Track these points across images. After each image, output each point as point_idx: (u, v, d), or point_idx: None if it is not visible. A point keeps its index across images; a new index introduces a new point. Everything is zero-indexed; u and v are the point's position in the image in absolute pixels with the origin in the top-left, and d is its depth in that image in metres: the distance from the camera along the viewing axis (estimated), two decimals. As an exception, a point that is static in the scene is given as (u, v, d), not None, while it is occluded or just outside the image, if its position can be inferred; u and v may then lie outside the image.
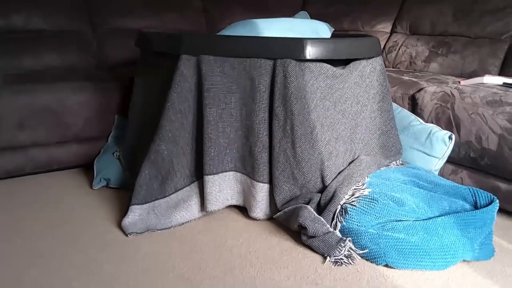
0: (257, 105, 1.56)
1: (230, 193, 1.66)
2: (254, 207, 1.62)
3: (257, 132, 1.57)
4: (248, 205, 1.66)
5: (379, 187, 1.57)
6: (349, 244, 1.41)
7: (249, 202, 1.65)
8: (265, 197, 1.62)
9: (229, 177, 1.64)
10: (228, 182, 1.64)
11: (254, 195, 1.61)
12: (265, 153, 1.59)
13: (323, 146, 1.60)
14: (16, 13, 2.44)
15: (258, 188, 1.60)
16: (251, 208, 1.64)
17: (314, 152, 1.59)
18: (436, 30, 2.53)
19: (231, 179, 1.64)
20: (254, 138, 1.58)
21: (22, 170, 2.02)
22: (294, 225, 1.51)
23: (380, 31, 2.86)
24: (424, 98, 1.90)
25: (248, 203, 1.65)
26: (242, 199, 1.68)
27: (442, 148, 1.78)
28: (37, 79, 2.07)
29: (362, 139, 1.75)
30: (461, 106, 1.76)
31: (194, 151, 1.65)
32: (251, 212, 1.64)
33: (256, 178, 1.60)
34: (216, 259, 1.40)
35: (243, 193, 1.66)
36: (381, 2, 2.89)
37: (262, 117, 1.56)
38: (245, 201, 1.68)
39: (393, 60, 2.67)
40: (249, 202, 1.65)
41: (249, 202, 1.65)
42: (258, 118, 1.56)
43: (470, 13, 2.39)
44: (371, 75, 1.72)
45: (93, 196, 1.86)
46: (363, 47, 1.66)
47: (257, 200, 1.61)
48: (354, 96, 1.68)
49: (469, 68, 2.28)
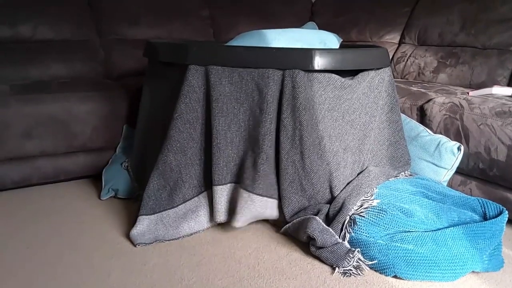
0: (264, 116, 1.55)
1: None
2: (239, 215, 1.56)
3: (261, 144, 1.56)
4: (236, 211, 1.58)
5: (387, 198, 1.56)
6: (358, 255, 1.40)
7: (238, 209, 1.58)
8: (252, 209, 1.57)
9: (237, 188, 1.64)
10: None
11: (246, 204, 1.56)
12: (267, 166, 1.56)
13: (331, 156, 1.60)
14: (24, 23, 2.46)
15: (255, 199, 1.55)
16: (235, 215, 1.57)
17: (322, 163, 1.59)
18: (444, 41, 2.53)
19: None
20: (258, 150, 1.56)
21: (29, 180, 2.02)
22: (303, 236, 1.50)
23: (389, 41, 2.86)
24: (433, 109, 1.89)
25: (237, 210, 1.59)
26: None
27: (451, 159, 1.77)
28: (44, 89, 2.08)
29: (370, 150, 1.75)
30: (470, 117, 1.75)
31: (202, 161, 1.66)
32: (234, 220, 1.57)
33: (255, 191, 1.55)
34: (225, 270, 1.40)
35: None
36: (389, 13, 2.90)
37: (267, 129, 1.54)
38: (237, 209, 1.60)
39: (401, 71, 2.67)
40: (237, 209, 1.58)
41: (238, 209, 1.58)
42: (264, 129, 1.55)
43: (477, 23, 2.39)
44: (380, 86, 1.73)
45: (101, 207, 1.86)
46: (371, 57, 1.67)
47: (244, 207, 1.55)
48: (362, 107, 1.68)
49: (477, 79, 2.28)
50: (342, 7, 3.19)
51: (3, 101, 1.92)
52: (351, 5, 3.17)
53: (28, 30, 2.47)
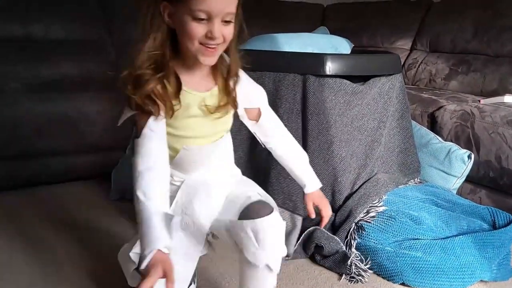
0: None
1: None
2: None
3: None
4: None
5: (396, 205, 1.56)
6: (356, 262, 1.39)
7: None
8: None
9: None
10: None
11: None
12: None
13: (338, 162, 1.60)
14: (36, 22, 2.46)
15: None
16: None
17: (328, 167, 1.58)
18: (456, 48, 2.52)
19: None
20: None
21: (38, 178, 2.03)
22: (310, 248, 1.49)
23: (400, 48, 2.86)
24: (444, 117, 1.89)
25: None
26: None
27: (461, 167, 1.76)
28: (56, 88, 2.10)
29: (380, 156, 1.74)
30: (481, 125, 1.74)
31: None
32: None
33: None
34: (232, 273, 1.40)
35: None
36: (401, 19, 2.90)
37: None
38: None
39: (412, 77, 2.67)
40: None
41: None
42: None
43: (490, 31, 2.38)
44: (390, 92, 1.72)
45: (110, 207, 1.87)
46: (383, 63, 1.67)
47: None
48: (371, 112, 1.68)
49: (489, 87, 2.27)
50: (353, 12, 3.20)
51: (15, 99, 1.95)
52: (362, 11, 3.17)
53: (41, 29, 2.48)
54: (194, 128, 1.00)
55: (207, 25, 0.90)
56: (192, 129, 1.00)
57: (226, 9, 0.90)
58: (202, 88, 1.00)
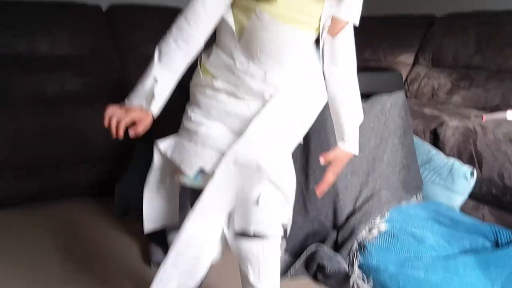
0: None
1: None
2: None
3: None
4: None
5: (399, 223, 1.56)
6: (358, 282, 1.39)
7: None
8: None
9: None
10: None
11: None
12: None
13: (339, 179, 1.60)
14: (42, 38, 2.50)
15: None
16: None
17: (329, 185, 1.59)
18: (458, 63, 2.53)
19: None
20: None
21: (43, 194, 2.04)
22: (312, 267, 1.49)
23: (402, 62, 2.86)
24: (446, 133, 1.89)
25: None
26: None
27: (463, 184, 1.76)
28: (60, 102, 2.11)
29: (382, 173, 1.74)
30: (483, 142, 1.74)
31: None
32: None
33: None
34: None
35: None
36: (403, 34, 2.91)
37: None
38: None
39: (415, 92, 2.67)
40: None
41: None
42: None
43: (492, 46, 2.38)
44: (392, 110, 1.73)
45: (114, 225, 1.87)
46: (385, 81, 1.67)
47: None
48: (373, 130, 1.69)
49: (492, 102, 2.26)
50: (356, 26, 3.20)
51: (19, 114, 1.96)
52: (365, 25, 3.13)
53: (46, 45, 2.51)
54: (285, 2, 0.94)
55: None
56: (281, 2, 0.93)
57: None
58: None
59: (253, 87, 1.01)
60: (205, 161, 1.01)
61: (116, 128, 0.94)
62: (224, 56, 1.02)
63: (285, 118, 1.05)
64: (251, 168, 0.99)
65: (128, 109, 0.97)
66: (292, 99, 1.06)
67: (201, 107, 1.04)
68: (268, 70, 1.01)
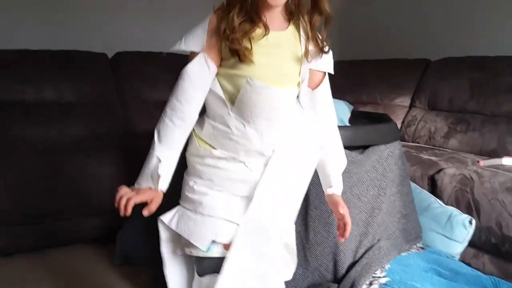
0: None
1: None
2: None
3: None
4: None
5: (399, 274, 1.56)
6: None
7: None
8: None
9: None
10: None
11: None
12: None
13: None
14: (48, 87, 2.55)
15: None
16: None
17: (329, 235, 1.60)
18: (454, 107, 2.57)
19: None
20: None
21: (46, 242, 2.05)
22: None
23: (399, 104, 2.91)
24: (444, 180, 1.91)
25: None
26: None
27: (462, 232, 1.77)
28: (64, 150, 2.14)
29: (381, 223, 1.75)
30: (480, 190, 1.76)
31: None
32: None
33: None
34: None
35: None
36: (399, 77, 2.96)
37: None
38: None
39: (412, 134, 2.71)
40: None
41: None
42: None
43: (486, 91, 2.43)
44: (389, 159, 1.75)
45: (115, 272, 1.87)
46: (381, 133, 1.70)
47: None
48: (371, 180, 1.71)
49: (488, 146, 2.29)
50: (352, 70, 3.28)
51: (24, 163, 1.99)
52: (361, 68, 3.25)
53: (52, 93, 2.55)
54: (264, 65, 1.00)
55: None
56: (261, 67, 1.00)
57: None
58: (278, 27, 1.03)
59: (252, 149, 1.05)
60: (215, 233, 1.04)
61: (125, 207, 0.99)
62: (219, 125, 1.06)
63: (287, 175, 1.09)
64: (265, 232, 1.03)
65: (138, 191, 1.02)
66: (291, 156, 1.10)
67: (203, 178, 1.07)
68: (264, 131, 1.05)
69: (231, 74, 1.02)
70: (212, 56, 1.01)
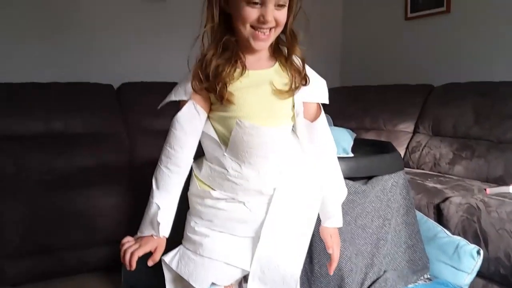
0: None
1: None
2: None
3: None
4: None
5: (406, 308, 1.53)
6: None
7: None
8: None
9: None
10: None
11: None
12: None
13: (344, 262, 1.59)
14: (57, 118, 2.59)
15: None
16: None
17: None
18: (458, 132, 2.55)
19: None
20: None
21: (52, 273, 2.06)
22: None
23: (403, 130, 2.90)
24: (450, 209, 1.88)
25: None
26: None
27: (470, 263, 1.73)
28: (71, 182, 2.15)
29: (387, 253, 1.73)
30: (487, 220, 1.74)
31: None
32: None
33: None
34: None
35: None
36: (402, 103, 2.96)
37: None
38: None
39: (417, 160, 2.69)
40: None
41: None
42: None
43: (491, 117, 2.41)
44: (394, 189, 1.74)
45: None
46: (385, 163, 1.69)
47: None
48: (375, 210, 1.69)
49: (494, 173, 2.26)
50: (355, 96, 3.29)
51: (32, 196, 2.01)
52: (364, 94, 3.26)
53: (60, 125, 2.60)
54: (251, 105, 1.00)
55: (260, 9, 0.93)
56: (248, 106, 1.00)
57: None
58: (263, 66, 1.03)
59: (250, 188, 1.05)
60: (215, 276, 1.03)
61: (130, 261, 1.00)
62: (216, 167, 1.06)
63: (292, 213, 1.08)
64: (276, 274, 1.02)
65: (141, 240, 1.02)
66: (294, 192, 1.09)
67: (203, 218, 1.07)
68: (261, 169, 1.05)
69: (222, 116, 1.02)
70: (200, 103, 1.03)
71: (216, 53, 0.98)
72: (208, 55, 0.98)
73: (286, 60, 1.04)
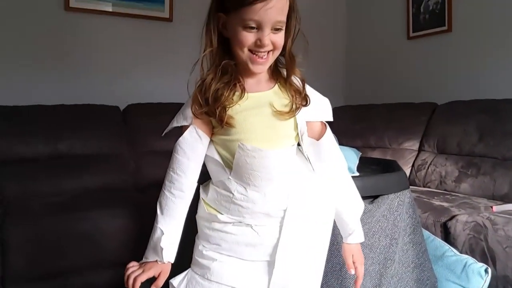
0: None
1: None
2: None
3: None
4: None
5: (415, 328, 1.51)
6: None
7: None
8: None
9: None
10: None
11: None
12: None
13: (351, 283, 1.59)
14: (63, 141, 2.61)
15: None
16: None
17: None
18: (463, 150, 2.56)
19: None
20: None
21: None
22: None
23: (408, 148, 2.91)
24: (456, 228, 1.88)
25: None
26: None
27: (479, 282, 1.72)
28: (76, 205, 2.16)
29: (395, 273, 1.72)
30: (494, 238, 1.73)
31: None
32: None
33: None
34: None
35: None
36: (407, 121, 2.97)
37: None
38: None
39: (423, 178, 2.69)
40: None
41: None
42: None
43: (495, 134, 2.42)
44: (400, 208, 1.74)
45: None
46: (390, 182, 1.70)
47: None
48: (382, 229, 1.69)
49: (500, 191, 2.26)
50: (360, 114, 3.31)
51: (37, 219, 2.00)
52: (368, 112, 3.28)
53: (66, 146, 2.61)
54: (252, 127, 1.01)
55: (257, 33, 0.94)
56: (249, 129, 1.00)
57: (275, 18, 0.94)
58: (262, 88, 1.04)
59: (257, 211, 1.05)
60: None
61: (133, 286, 1.00)
62: (222, 190, 1.07)
63: (306, 234, 1.08)
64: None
65: (146, 265, 1.03)
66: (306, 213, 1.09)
67: (211, 242, 1.07)
68: (266, 191, 1.05)
69: (224, 140, 1.03)
70: (202, 127, 1.04)
71: (215, 77, 1.00)
72: (207, 79, 1.00)
73: (286, 81, 1.05)
